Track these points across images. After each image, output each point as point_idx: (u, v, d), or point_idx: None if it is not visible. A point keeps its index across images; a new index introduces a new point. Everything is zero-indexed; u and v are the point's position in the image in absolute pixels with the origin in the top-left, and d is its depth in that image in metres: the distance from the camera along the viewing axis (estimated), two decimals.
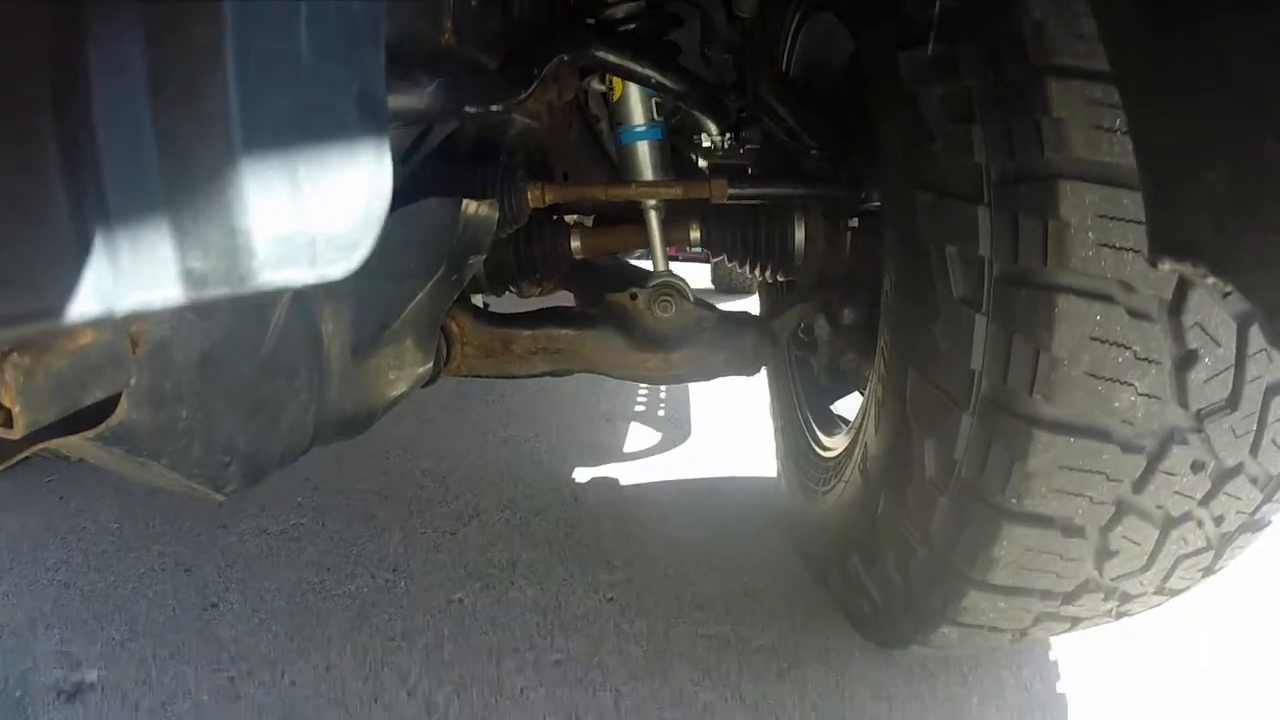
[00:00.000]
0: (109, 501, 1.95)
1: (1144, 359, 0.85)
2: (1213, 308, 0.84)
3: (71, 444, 0.54)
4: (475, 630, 1.47)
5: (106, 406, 0.53)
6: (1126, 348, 0.84)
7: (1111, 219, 0.82)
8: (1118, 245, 0.82)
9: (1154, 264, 0.51)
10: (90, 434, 0.53)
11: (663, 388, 2.92)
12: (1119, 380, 0.86)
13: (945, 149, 0.93)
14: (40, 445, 0.51)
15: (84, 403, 0.49)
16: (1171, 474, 0.90)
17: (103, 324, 0.48)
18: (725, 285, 5.28)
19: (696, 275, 4.86)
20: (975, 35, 0.89)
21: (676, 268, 1.51)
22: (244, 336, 0.69)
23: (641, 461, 2.33)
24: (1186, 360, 0.85)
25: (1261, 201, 0.43)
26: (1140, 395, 0.86)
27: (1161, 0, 0.47)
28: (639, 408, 2.75)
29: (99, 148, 0.30)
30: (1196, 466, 0.91)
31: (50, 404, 0.45)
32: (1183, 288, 0.83)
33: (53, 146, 0.30)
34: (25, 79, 0.29)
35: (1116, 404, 0.87)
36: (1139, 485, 0.91)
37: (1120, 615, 1.12)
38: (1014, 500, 0.92)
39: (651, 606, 1.55)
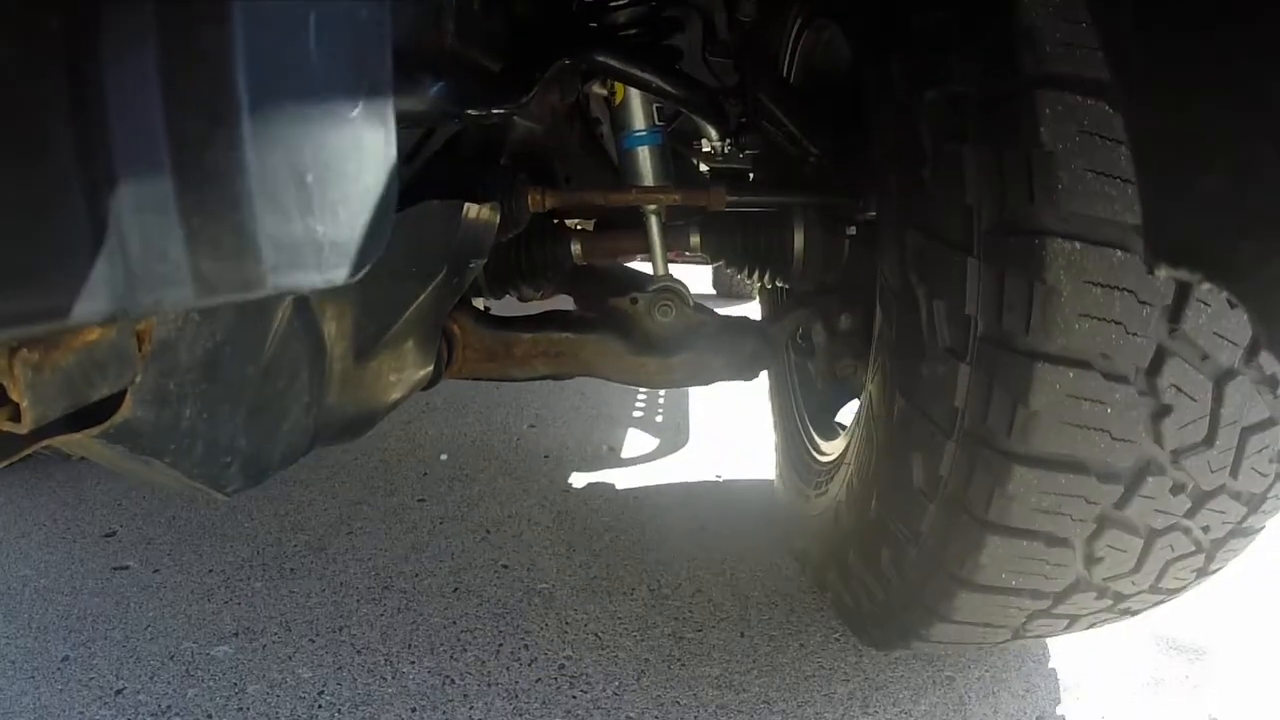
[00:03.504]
0: None
1: (1120, 412, 0.88)
2: (1188, 369, 0.86)
3: (74, 441, 0.55)
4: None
5: (110, 404, 0.53)
6: (1102, 403, 0.87)
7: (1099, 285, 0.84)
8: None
9: (1151, 270, 0.51)
10: (95, 431, 0.53)
11: (661, 392, 2.92)
12: (1094, 428, 0.89)
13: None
14: (45, 441, 0.51)
15: (90, 399, 0.49)
16: (1150, 497, 0.93)
17: (112, 323, 0.48)
18: (726, 290, 5.27)
19: (698, 280, 4.86)
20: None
21: (676, 271, 1.51)
22: (247, 337, 0.69)
23: (639, 467, 2.32)
24: (1161, 411, 0.88)
25: (1260, 207, 0.43)
26: (1115, 439, 0.89)
27: (1162, 5, 0.47)
28: (638, 413, 2.74)
29: (111, 147, 0.30)
30: (1176, 489, 0.93)
31: (57, 399, 0.46)
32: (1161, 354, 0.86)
33: (65, 146, 0.30)
34: (38, 78, 0.29)
35: (1092, 447, 0.90)
36: (1119, 505, 0.94)
37: (1123, 613, 1.13)
38: (996, 516, 0.95)
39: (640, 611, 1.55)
